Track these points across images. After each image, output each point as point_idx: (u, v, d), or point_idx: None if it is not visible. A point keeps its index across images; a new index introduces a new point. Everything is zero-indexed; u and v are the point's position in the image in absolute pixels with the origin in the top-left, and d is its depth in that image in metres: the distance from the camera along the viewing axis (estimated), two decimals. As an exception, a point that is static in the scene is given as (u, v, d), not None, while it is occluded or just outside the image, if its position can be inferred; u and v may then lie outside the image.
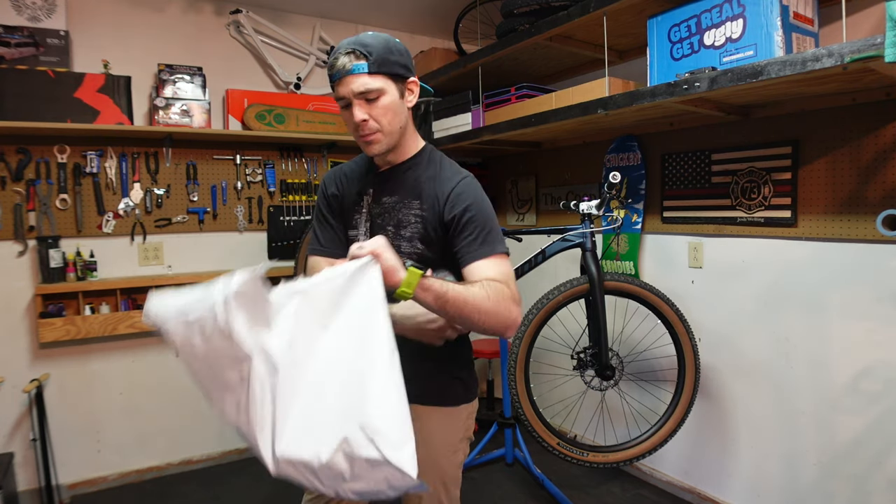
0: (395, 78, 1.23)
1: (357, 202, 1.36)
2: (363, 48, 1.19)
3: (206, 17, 2.88)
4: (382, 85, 1.21)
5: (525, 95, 2.64)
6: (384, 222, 1.31)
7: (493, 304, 1.12)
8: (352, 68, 1.19)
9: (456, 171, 1.31)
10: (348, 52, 1.20)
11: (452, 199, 1.24)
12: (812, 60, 1.43)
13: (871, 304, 1.85)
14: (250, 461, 2.97)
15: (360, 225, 1.35)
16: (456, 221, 1.23)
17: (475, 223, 1.22)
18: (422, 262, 1.23)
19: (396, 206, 1.30)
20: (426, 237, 1.27)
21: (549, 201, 3.19)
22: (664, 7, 1.94)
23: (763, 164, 2.11)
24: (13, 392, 2.47)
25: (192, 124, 2.68)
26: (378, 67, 1.20)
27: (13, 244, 2.49)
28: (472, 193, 1.25)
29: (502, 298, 1.13)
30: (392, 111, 1.24)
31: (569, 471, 2.72)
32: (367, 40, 1.21)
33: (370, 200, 1.34)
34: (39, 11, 2.44)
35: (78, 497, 2.62)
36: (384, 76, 1.21)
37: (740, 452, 2.28)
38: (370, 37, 1.23)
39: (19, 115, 2.32)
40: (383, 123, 1.23)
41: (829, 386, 1.97)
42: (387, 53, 1.21)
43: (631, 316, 2.50)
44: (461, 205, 1.23)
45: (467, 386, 1.40)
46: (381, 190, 1.33)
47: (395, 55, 1.23)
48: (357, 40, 1.21)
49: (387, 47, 1.22)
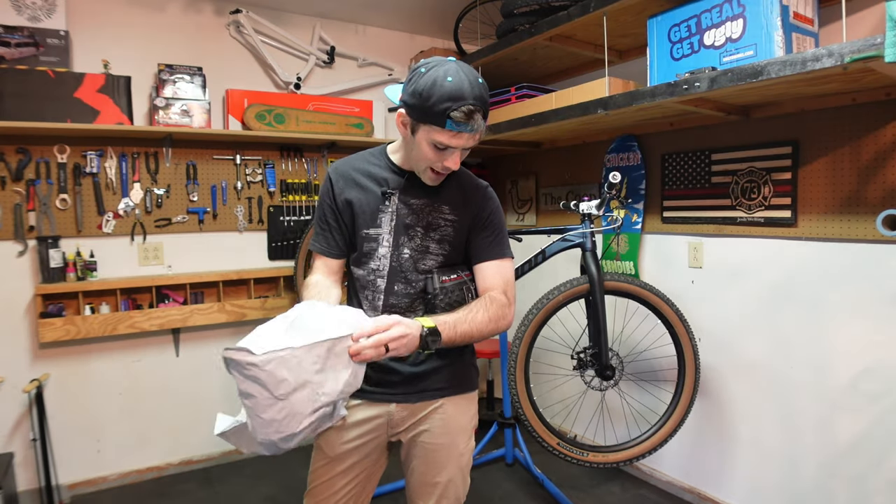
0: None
1: (380, 201, 1.35)
2: (485, 108, 1.21)
3: (206, 17, 2.88)
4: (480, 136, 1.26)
5: (525, 95, 2.64)
6: (413, 223, 1.34)
7: (493, 323, 1.29)
8: (477, 127, 1.20)
9: (475, 178, 1.42)
10: (478, 111, 1.19)
11: (482, 203, 1.37)
12: (812, 60, 1.43)
13: (871, 304, 1.85)
14: (250, 461, 2.97)
15: (384, 224, 1.34)
16: (482, 222, 1.36)
17: (494, 226, 1.37)
18: (445, 263, 1.36)
19: (426, 209, 1.34)
20: (455, 241, 1.36)
21: (549, 201, 3.19)
22: (664, 7, 1.94)
23: (763, 164, 2.11)
24: (13, 392, 2.47)
25: (192, 124, 2.68)
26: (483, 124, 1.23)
27: (13, 244, 2.49)
28: (495, 200, 1.41)
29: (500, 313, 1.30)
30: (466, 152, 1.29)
31: (569, 471, 2.73)
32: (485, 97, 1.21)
33: (397, 201, 1.34)
34: (39, 11, 2.44)
35: (78, 497, 2.62)
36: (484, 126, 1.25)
37: (740, 452, 2.28)
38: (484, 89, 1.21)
39: (19, 115, 2.32)
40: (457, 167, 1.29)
41: (829, 386, 1.97)
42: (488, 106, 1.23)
43: (631, 316, 2.50)
44: (488, 208, 1.38)
45: (477, 371, 1.50)
46: (409, 192, 1.34)
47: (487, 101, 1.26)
48: (481, 96, 1.19)
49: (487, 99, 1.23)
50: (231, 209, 2.93)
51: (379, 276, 1.35)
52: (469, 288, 1.36)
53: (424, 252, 1.34)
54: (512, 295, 1.36)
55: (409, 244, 1.33)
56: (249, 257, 3.00)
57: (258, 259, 3.02)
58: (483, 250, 1.36)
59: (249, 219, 2.98)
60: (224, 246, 2.94)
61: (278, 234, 3.05)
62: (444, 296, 1.32)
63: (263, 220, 3.01)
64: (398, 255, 1.34)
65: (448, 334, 1.21)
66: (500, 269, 1.36)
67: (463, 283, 1.36)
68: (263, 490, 2.66)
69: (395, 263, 1.34)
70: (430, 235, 1.34)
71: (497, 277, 1.35)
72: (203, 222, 2.86)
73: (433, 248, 1.34)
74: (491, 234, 1.37)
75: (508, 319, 1.33)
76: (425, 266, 1.34)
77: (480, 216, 1.36)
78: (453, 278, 1.35)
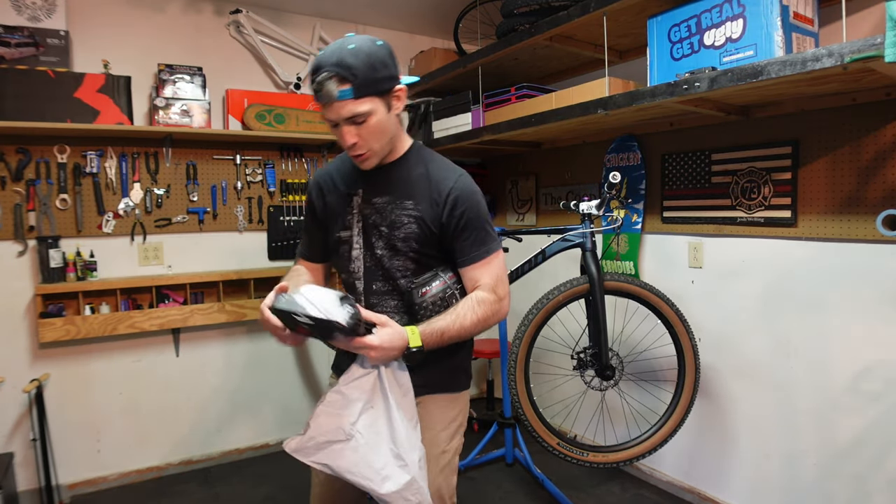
0: (382, 94, 1.20)
1: (346, 203, 1.35)
2: (347, 71, 1.14)
3: (206, 17, 2.88)
4: (370, 107, 1.18)
5: (525, 95, 2.64)
6: (377, 222, 1.31)
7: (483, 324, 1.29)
8: (337, 95, 1.15)
9: (448, 168, 1.32)
10: (332, 77, 1.14)
11: (451, 201, 1.27)
12: (812, 60, 1.43)
13: (871, 304, 1.85)
14: (250, 461, 2.97)
15: (352, 226, 1.35)
16: (455, 224, 1.28)
17: (472, 226, 1.29)
18: (419, 261, 1.31)
19: (388, 207, 1.30)
20: (421, 237, 1.29)
21: (549, 201, 3.19)
22: (664, 7, 1.94)
23: (763, 164, 2.11)
24: (13, 392, 2.47)
25: (192, 124, 2.68)
26: (364, 90, 1.16)
27: (13, 244, 2.49)
28: (468, 195, 1.29)
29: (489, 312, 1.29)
30: (381, 129, 1.22)
31: (569, 471, 2.73)
32: (349, 60, 1.14)
33: (360, 201, 1.33)
34: (39, 11, 2.44)
35: (78, 497, 2.62)
36: (371, 97, 1.18)
37: (740, 452, 2.28)
38: (352, 54, 1.15)
39: (19, 115, 2.32)
40: (373, 143, 1.23)
41: (829, 386, 1.97)
42: (370, 72, 1.16)
43: (631, 316, 2.49)
44: (459, 208, 1.27)
45: (468, 374, 1.47)
46: (371, 190, 1.33)
47: (380, 69, 1.18)
48: (340, 60, 1.14)
49: (370, 64, 1.16)
50: (231, 209, 2.93)
51: (356, 279, 1.36)
52: (454, 293, 1.31)
53: (394, 251, 1.30)
54: (503, 290, 1.33)
55: (378, 243, 1.32)
56: (249, 257, 3.00)
57: (258, 259, 3.03)
58: (465, 253, 1.30)
59: (249, 219, 2.98)
60: (224, 246, 2.94)
61: (278, 234, 3.05)
62: (430, 306, 1.29)
63: (263, 220, 3.01)
64: (371, 255, 1.33)
65: (434, 343, 1.23)
66: (486, 268, 1.30)
67: (446, 288, 1.31)
68: (263, 490, 2.66)
69: (369, 264, 1.34)
70: (394, 234, 1.29)
71: (484, 277, 1.30)
72: (203, 222, 2.86)
73: (401, 247, 1.29)
74: (469, 234, 1.29)
75: (501, 314, 1.33)
76: (400, 264, 1.31)
77: (453, 216, 1.27)
78: (435, 286, 1.30)
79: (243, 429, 3.02)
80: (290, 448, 1.22)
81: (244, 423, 3.02)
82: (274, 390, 3.09)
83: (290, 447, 1.22)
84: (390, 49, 1.23)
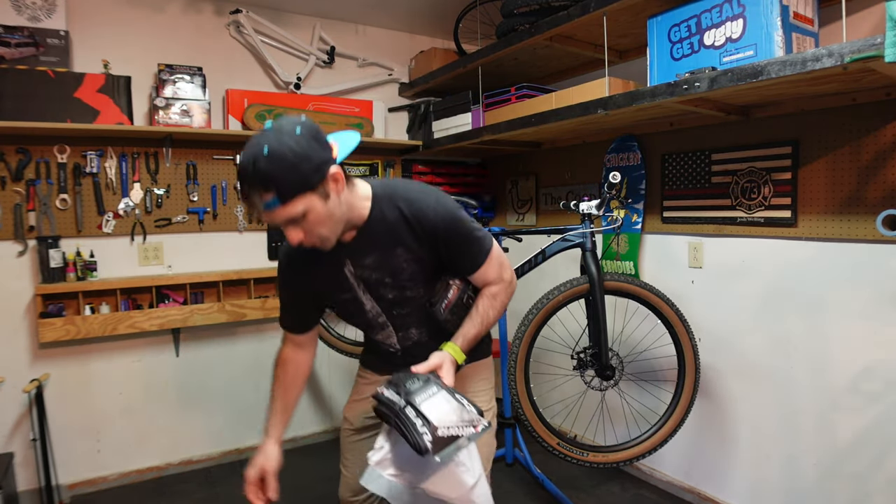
0: (313, 188, 1.11)
1: (338, 273, 1.35)
2: (265, 183, 1.07)
3: (206, 17, 2.88)
4: (304, 207, 1.11)
5: (525, 95, 2.64)
6: (379, 277, 1.33)
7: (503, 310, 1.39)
8: (264, 205, 1.09)
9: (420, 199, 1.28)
10: (254, 189, 1.08)
11: (438, 232, 1.28)
12: (812, 60, 1.43)
13: (871, 304, 1.85)
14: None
15: (354, 289, 1.36)
16: (449, 248, 1.31)
17: (464, 242, 1.32)
18: (428, 282, 1.36)
19: (382, 262, 1.31)
20: (425, 269, 1.33)
21: (549, 201, 3.19)
22: (664, 7, 1.94)
23: (763, 164, 2.11)
24: (13, 392, 2.47)
25: (192, 124, 2.68)
26: (290, 194, 1.08)
27: (13, 244, 2.49)
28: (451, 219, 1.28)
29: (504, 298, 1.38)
30: (322, 221, 1.16)
31: (569, 471, 2.72)
32: (266, 169, 1.06)
33: (352, 269, 1.34)
34: (39, 11, 2.43)
35: (78, 497, 2.62)
36: (300, 196, 1.10)
37: (740, 452, 2.28)
38: (268, 161, 1.06)
39: (19, 115, 2.32)
40: (322, 232, 1.18)
41: (829, 386, 1.97)
42: (292, 174, 1.07)
43: (631, 316, 2.49)
44: (449, 234, 1.29)
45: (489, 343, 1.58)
46: (357, 256, 1.32)
47: (303, 165, 1.08)
48: (257, 172, 1.06)
49: (290, 166, 1.07)
50: (231, 209, 2.93)
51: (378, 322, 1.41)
52: (469, 295, 1.37)
53: (403, 290, 1.34)
54: (508, 273, 1.38)
55: (386, 291, 1.35)
56: (249, 257, 3.00)
57: (258, 259, 3.02)
58: (468, 267, 1.34)
59: (249, 219, 2.98)
60: (224, 246, 2.94)
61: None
62: (451, 316, 1.36)
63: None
64: (383, 302, 1.37)
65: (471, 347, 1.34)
66: (488, 266, 1.35)
67: (461, 294, 1.36)
68: (263, 490, 2.66)
69: (385, 308, 1.39)
70: (399, 279, 1.33)
71: (490, 273, 1.36)
72: (203, 222, 2.86)
73: (409, 285, 1.34)
74: (465, 250, 1.32)
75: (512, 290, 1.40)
76: (412, 293, 1.35)
77: (445, 243, 1.29)
78: (451, 295, 1.35)
79: (243, 429, 3.02)
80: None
81: (244, 423, 3.01)
82: (274, 390, 3.09)
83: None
84: (314, 130, 1.14)
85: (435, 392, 1.18)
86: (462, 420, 1.16)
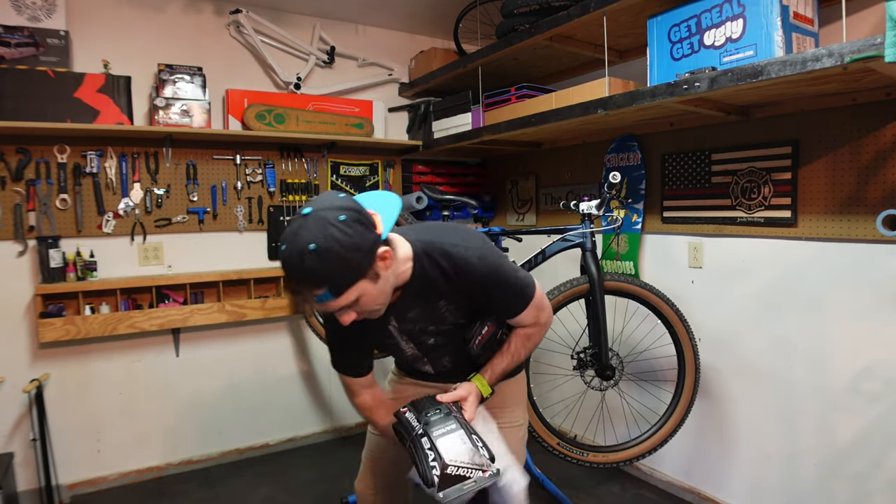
0: (363, 274, 1.11)
1: (382, 329, 1.38)
2: (316, 281, 1.06)
3: (206, 17, 2.88)
4: (355, 294, 1.11)
5: (525, 95, 2.64)
6: (422, 327, 1.37)
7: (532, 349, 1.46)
8: (317, 299, 1.10)
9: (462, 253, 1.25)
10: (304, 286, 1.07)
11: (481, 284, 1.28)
12: (812, 60, 1.43)
13: (871, 304, 1.85)
14: (250, 461, 2.97)
15: (400, 342, 1.42)
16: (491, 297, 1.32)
17: (507, 291, 1.32)
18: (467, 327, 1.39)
19: (425, 314, 1.35)
20: (466, 314, 1.37)
21: (549, 201, 3.19)
22: (664, 7, 1.94)
23: (763, 164, 2.11)
24: (13, 392, 2.47)
25: (192, 124, 2.68)
26: (344, 288, 1.09)
27: (13, 244, 2.49)
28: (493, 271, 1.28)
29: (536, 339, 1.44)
30: (373, 299, 1.16)
31: (569, 471, 2.72)
32: (315, 268, 1.04)
33: (395, 325, 1.37)
34: (39, 11, 2.43)
35: (78, 497, 2.62)
36: (351, 286, 1.10)
37: (740, 452, 2.28)
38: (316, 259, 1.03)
39: (19, 115, 2.32)
40: (372, 309, 1.19)
41: (829, 386, 1.97)
42: (342, 267, 1.06)
43: (631, 316, 2.49)
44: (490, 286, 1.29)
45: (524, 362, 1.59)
46: (401, 312, 1.34)
47: (354, 256, 1.07)
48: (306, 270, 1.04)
49: (339, 260, 1.05)
50: (231, 209, 2.93)
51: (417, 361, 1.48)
52: (503, 332, 1.41)
53: (442, 334, 1.39)
54: (545, 316, 1.41)
55: (428, 338, 1.41)
56: (249, 257, 3.00)
57: (258, 259, 3.02)
58: (508, 312, 1.36)
59: (249, 219, 2.98)
60: (224, 246, 2.94)
61: (278, 234, 3.05)
62: (483, 351, 1.40)
63: (263, 220, 3.01)
64: (424, 346, 1.43)
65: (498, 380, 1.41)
66: (529, 312, 1.36)
67: (495, 331, 1.39)
68: (263, 490, 2.66)
69: (423, 352, 1.45)
70: (441, 326, 1.37)
71: (528, 319, 1.38)
72: (203, 222, 2.86)
73: (449, 329, 1.38)
74: (507, 299, 1.33)
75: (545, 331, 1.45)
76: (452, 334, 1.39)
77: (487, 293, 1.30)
78: (485, 332, 1.38)
79: (243, 429, 3.02)
80: None
81: (244, 423, 3.01)
82: (274, 390, 3.09)
83: None
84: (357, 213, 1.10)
85: (453, 429, 1.22)
86: (473, 462, 1.18)
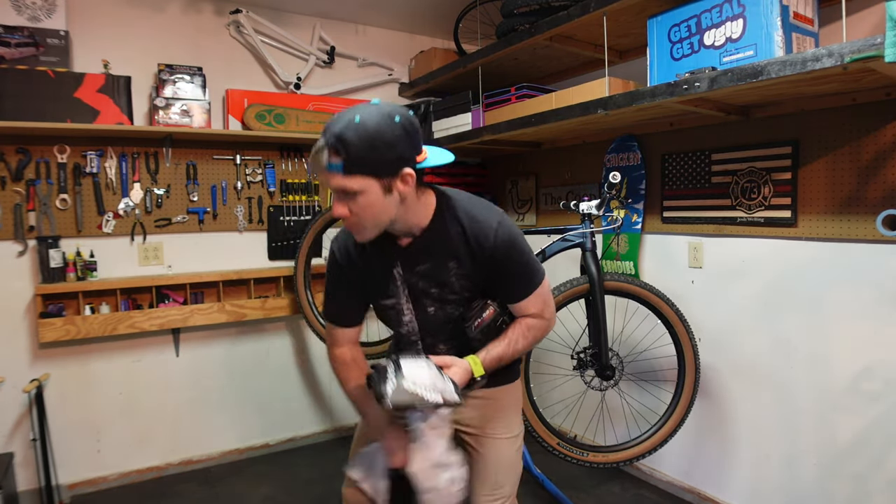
0: (379, 175, 1.13)
1: (386, 274, 1.34)
2: (341, 146, 1.09)
3: (206, 17, 2.88)
4: (361, 186, 1.12)
5: (525, 95, 2.64)
6: (425, 288, 1.33)
7: (533, 343, 1.39)
8: (327, 166, 1.12)
9: (484, 218, 1.27)
10: (327, 146, 1.10)
11: (495, 254, 1.27)
12: (812, 60, 1.43)
13: (871, 304, 1.85)
14: (250, 461, 2.97)
15: (398, 294, 1.35)
16: (501, 272, 1.30)
17: (517, 270, 1.31)
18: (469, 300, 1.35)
19: (433, 271, 1.31)
20: (472, 288, 1.33)
21: (549, 201, 3.19)
22: (664, 7, 1.94)
23: (763, 164, 2.11)
24: (13, 392, 2.47)
25: (192, 124, 2.68)
26: (355, 169, 1.11)
27: (13, 244, 2.49)
28: (509, 244, 1.28)
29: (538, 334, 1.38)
30: (373, 208, 1.16)
31: (569, 471, 2.72)
32: (347, 135, 1.08)
33: (401, 272, 1.33)
34: (39, 11, 2.44)
35: (78, 497, 2.62)
36: (363, 176, 1.12)
37: (740, 452, 2.28)
38: (354, 129, 1.09)
39: (19, 115, 2.32)
40: (365, 218, 1.18)
41: (829, 386, 1.97)
42: (368, 151, 1.09)
43: (631, 316, 2.49)
44: (503, 258, 1.28)
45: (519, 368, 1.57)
46: (411, 261, 1.31)
47: (382, 150, 1.10)
48: (339, 133, 1.09)
49: (370, 143, 1.09)
50: (231, 209, 2.93)
51: (413, 336, 1.40)
52: (504, 320, 1.36)
53: (444, 303, 1.34)
54: (550, 312, 1.38)
55: (430, 304, 1.35)
56: (249, 257, 3.00)
57: (258, 259, 3.03)
58: (513, 295, 1.34)
59: (249, 219, 2.98)
60: (224, 246, 2.94)
61: (278, 234, 3.05)
62: (482, 336, 1.35)
63: (263, 220, 3.01)
64: (423, 315, 1.37)
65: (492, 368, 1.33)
66: (534, 300, 1.34)
67: (496, 317, 1.34)
68: (263, 490, 2.66)
69: (422, 321, 1.38)
70: (445, 293, 1.33)
71: (532, 308, 1.35)
72: (203, 222, 2.86)
73: (452, 298, 1.33)
74: (515, 278, 1.32)
75: (548, 330, 1.41)
76: (452, 309, 1.35)
77: (498, 266, 1.29)
78: (486, 316, 1.34)
79: (243, 429, 3.02)
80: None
81: (244, 423, 3.02)
82: (274, 390, 3.09)
83: None
84: (409, 128, 1.14)
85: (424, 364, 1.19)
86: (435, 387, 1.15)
